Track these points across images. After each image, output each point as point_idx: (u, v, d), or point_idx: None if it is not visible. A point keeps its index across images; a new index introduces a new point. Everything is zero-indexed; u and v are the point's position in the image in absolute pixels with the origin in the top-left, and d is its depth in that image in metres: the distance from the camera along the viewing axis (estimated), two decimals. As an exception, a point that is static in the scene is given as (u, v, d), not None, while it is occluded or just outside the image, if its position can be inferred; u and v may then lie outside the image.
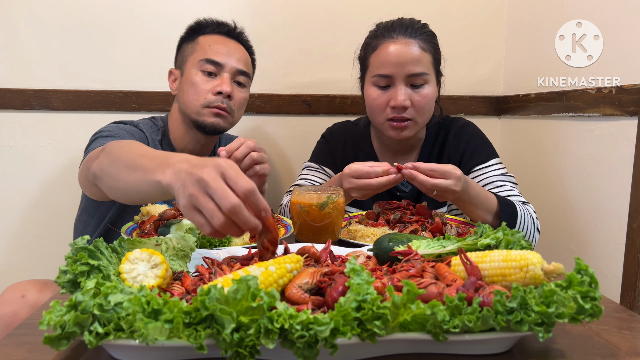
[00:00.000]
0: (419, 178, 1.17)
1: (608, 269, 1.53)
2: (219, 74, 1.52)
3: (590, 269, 0.66)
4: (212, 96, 1.49)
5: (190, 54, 1.55)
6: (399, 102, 1.38)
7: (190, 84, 1.51)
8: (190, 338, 0.57)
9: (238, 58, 1.55)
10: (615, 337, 0.72)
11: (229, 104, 1.51)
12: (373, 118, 1.49)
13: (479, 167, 1.49)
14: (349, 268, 0.66)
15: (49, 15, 1.89)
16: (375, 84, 1.44)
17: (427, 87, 1.42)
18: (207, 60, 1.50)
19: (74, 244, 0.74)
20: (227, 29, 1.58)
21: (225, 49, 1.53)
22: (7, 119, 1.93)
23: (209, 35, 1.56)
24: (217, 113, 1.50)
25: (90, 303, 0.60)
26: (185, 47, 1.59)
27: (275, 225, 0.88)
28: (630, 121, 1.45)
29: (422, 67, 1.40)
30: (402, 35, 1.41)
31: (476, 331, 0.63)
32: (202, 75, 1.50)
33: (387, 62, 1.40)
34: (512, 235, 0.87)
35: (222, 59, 1.51)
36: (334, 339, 0.57)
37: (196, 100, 1.50)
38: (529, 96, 1.92)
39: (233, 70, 1.53)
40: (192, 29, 1.60)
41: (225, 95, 1.49)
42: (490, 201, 1.29)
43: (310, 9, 2.01)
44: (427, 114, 1.46)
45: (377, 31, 1.47)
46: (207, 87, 1.49)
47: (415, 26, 1.43)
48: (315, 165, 1.62)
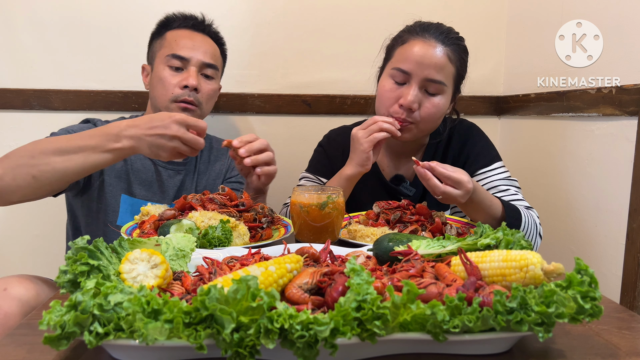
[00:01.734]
0: (431, 182, 1.16)
1: (608, 269, 1.53)
2: (186, 68, 1.55)
3: (590, 269, 0.66)
4: (179, 90, 1.53)
5: (158, 50, 1.58)
6: (407, 102, 1.36)
7: (158, 79, 1.55)
8: (190, 338, 0.57)
9: (204, 51, 1.57)
10: (615, 337, 0.72)
11: (196, 96, 1.55)
12: (379, 109, 1.47)
13: (482, 171, 1.47)
14: (349, 268, 0.66)
15: (49, 15, 1.89)
16: (392, 77, 1.41)
17: (440, 98, 1.39)
18: (173, 55, 1.54)
19: (74, 244, 0.74)
20: (192, 22, 1.60)
21: (191, 43, 1.56)
22: (7, 119, 1.93)
23: (176, 30, 1.58)
24: (185, 107, 1.53)
25: (90, 303, 0.60)
26: (155, 43, 1.62)
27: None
28: (630, 121, 1.45)
29: (441, 76, 1.37)
30: (434, 38, 1.38)
31: (476, 331, 0.62)
32: (169, 70, 1.54)
33: (410, 58, 1.37)
34: (512, 235, 0.87)
35: (187, 53, 1.54)
36: (334, 339, 0.57)
37: (164, 95, 1.53)
38: (529, 96, 1.91)
39: (199, 64, 1.56)
40: (161, 24, 1.62)
41: (192, 88, 1.53)
42: (495, 207, 1.27)
43: (311, 9, 2.01)
44: (431, 124, 1.43)
45: (412, 27, 1.44)
46: (174, 81, 1.53)
47: (450, 35, 1.40)
48: (312, 176, 1.61)
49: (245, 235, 1.16)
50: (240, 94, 2.01)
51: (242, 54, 2.00)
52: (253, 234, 1.20)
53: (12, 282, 1.13)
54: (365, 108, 2.03)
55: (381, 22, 1.56)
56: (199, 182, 1.68)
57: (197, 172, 1.68)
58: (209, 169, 1.70)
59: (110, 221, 1.52)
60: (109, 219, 1.53)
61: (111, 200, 1.53)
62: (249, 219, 1.24)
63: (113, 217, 1.53)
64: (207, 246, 1.06)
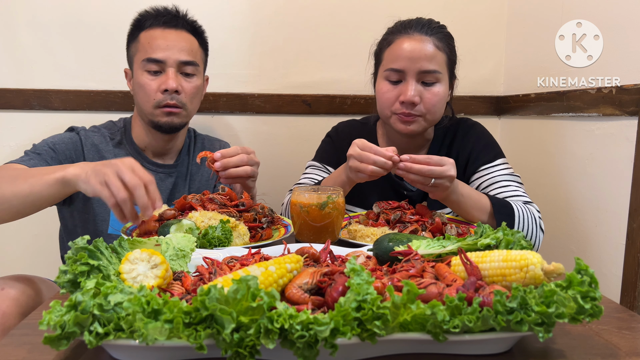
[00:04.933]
0: (415, 167, 1.17)
1: (608, 269, 1.53)
2: (163, 70, 1.48)
3: (590, 269, 0.66)
4: (160, 95, 1.47)
5: (134, 54, 1.52)
6: (408, 98, 1.38)
7: (139, 85, 1.49)
8: (190, 338, 0.57)
9: (180, 49, 1.49)
10: (615, 337, 0.72)
11: (179, 98, 1.49)
12: (382, 112, 1.49)
13: (485, 167, 1.48)
14: (349, 268, 0.66)
15: (49, 15, 1.89)
16: (387, 78, 1.44)
17: (439, 86, 1.42)
18: (148, 59, 1.47)
19: (74, 244, 0.74)
20: (164, 19, 1.51)
21: (164, 43, 1.48)
22: (7, 119, 1.93)
23: (148, 31, 1.50)
24: (169, 112, 1.48)
25: (90, 303, 0.60)
26: (131, 46, 1.55)
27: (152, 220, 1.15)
28: (630, 121, 1.45)
29: (435, 65, 1.39)
30: (418, 32, 1.41)
31: (476, 331, 0.62)
32: (148, 75, 1.48)
33: (401, 56, 1.40)
34: (512, 235, 0.87)
35: (162, 55, 1.47)
36: (334, 339, 0.57)
37: (147, 102, 1.48)
38: (529, 96, 1.91)
39: (176, 63, 1.48)
40: (135, 26, 1.54)
41: (172, 91, 1.47)
42: (482, 201, 1.31)
43: (311, 9, 2.01)
44: (436, 113, 1.45)
45: (394, 28, 1.48)
46: (154, 86, 1.47)
47: (432, 25, 1.44)
48: (318, 164, 1.62)
49: (245, 235, 1.16)
50: (240, 94, 2.01)
51: (242, 54, 2.00)
52: (253, 234, 1.20)
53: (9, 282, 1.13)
54: (365, 108, 2.03)
55: (381, 22, 1.56)
56: (192, 184, 1.65)
57: (190, 174, 1.66)
58: (201, 170, 1.67)
59: (100, 230, 1.49)
60: (99, 228, 1.49)
61: (99, 210, 1.49)
62: (249, 219, 1.24)
63: (103, 226, 1.49)
64: (207, 246, 1.06)
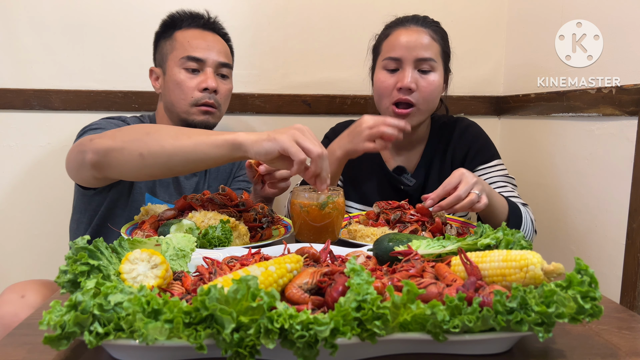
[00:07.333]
0: (444, 203, 1.17)
1: (608, 269, 1.53)
2: (202, 69, 1.51)
3: (590, 269, 0.66)
4: (198, 93, 1.49)
5: (169, 52, 1.54)
6: (405, 84, 1.42)
7: (175, 83, 1.50)
8: (190, 338, 0.57)
9: (218, 50, 1.54)
10: (615, 337, 0.72)
11: (216, 98, 1.52)
12: (379, 102, 1.52)
13: (482, 167, 1.50)
14: (349, 268, 0.66)
15: (48, 15, 1.89)
16: (385, 67, 1.48)
17: (434, 75, 1.46)
18: (188, 57, 1.50)
19: (74, 244, 0.74)
20: (202, 21, 1.56)
21: (204, 43, 1.52)
22: (7, 119, 1.93)
23: (185, 30, 1.54)
24: (206, 111, 1.51)
25: (90, 303, 0.59)
26: (162, 44, 1.57)
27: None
28: (630, 121, 1.45)
29: (430, 53, 1.44)
30: (414, 24, 1.47)
31: (476, 331, 0.62)
32: (186, 72, 1.50)
33: (398, 45, 1.45)
34: (512, 235, 0.87)
35: (203, 55, 1.50)
36: (334, 339, 0.57)
37: (184, 100, 1.50)
38: (529, 96, 1.91)
39: (215, 64, 1.53)
40: (167, 24, 1.57)
41: (212, 90, 1.50)
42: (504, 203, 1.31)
43: (311, 9, 2.01)
44: (431, 103, 1.49)
45: (392, 22, 1.53)
46: (192, 84, 1.49)
47: (427, 19, 1.50)
48: None
49: (245, 235, 1.16)
50: (240, 94, 2.01)
51: (242, 54, 2.00)
52: (253, 234, 1.21)
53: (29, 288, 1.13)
54: (365, 108, 2.03)
55: (381, 22, 1.56)
56: (211, 183, 1.67)
57: (209, 172, 1.68)
58: (220, 170, 1.69)
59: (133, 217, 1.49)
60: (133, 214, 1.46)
61: (138, 197, 1.51)
62: (249, 219, 1.24)
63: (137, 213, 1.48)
64: (207, 246, 1.06)
